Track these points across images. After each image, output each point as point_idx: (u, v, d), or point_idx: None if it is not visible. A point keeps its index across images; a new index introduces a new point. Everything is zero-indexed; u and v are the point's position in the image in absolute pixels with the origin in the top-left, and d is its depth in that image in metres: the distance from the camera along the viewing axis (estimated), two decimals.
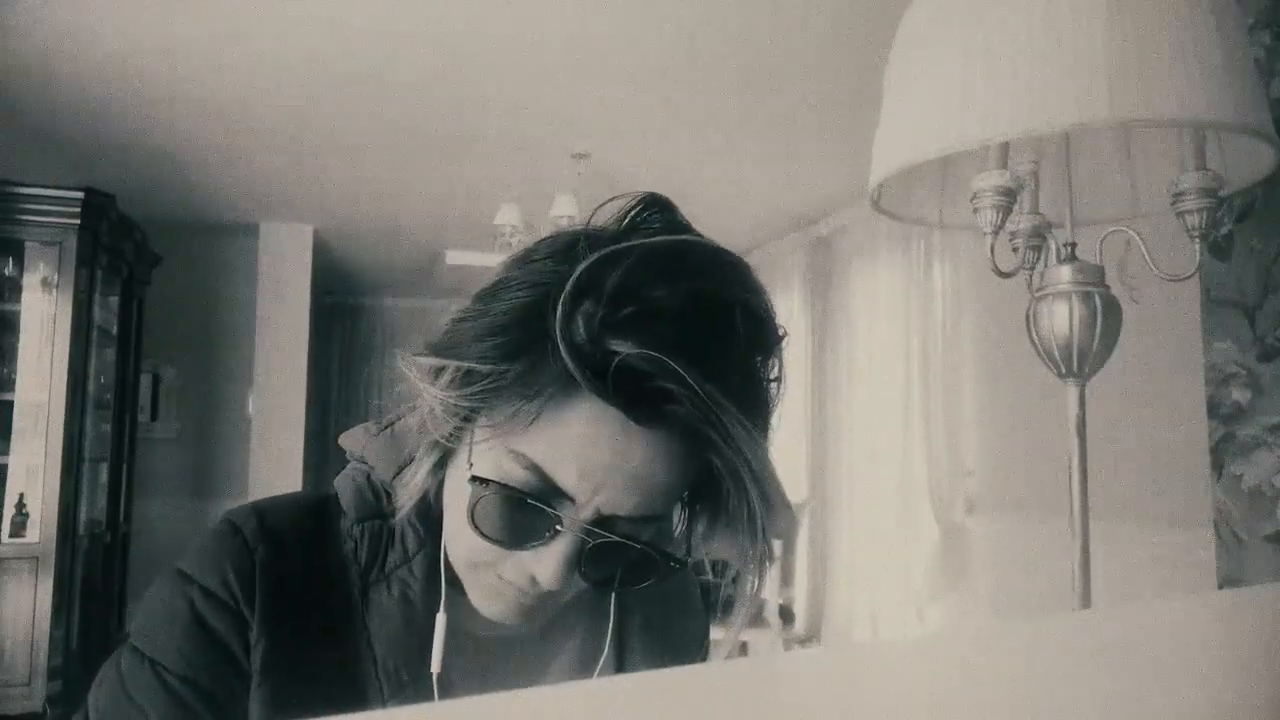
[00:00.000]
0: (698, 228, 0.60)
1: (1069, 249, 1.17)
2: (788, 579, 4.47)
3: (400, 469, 0.64)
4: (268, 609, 0.61)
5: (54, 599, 3.53)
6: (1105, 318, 1.13)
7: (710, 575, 3.46)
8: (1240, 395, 1.37)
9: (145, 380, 4.99)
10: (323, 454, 5.99)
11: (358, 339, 7.07)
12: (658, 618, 0.75)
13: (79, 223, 3.69)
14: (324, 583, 0.63)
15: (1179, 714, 0.27)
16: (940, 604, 3.68)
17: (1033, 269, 1.23)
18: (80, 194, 3.66)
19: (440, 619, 0.63)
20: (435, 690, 0.62)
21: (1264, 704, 0.28)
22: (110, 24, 2.83)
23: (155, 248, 4.66)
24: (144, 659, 0.60)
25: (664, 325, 0.53)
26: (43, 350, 3.66)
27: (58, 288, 3.67)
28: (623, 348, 0.52)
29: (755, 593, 0.61)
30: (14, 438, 3.62)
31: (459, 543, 0.60)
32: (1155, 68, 0.93)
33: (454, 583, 0.63)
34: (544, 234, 0.61)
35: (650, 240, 0.57)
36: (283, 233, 5.13)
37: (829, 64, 3.04)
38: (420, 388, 0.58)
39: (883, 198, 1.20)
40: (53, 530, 3.57)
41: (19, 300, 3.70)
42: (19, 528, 3.58)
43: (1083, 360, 1.14)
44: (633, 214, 0.59)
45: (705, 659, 0.82)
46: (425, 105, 3.46)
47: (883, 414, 4.12)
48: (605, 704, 0.27)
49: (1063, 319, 1.13)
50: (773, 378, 0.59)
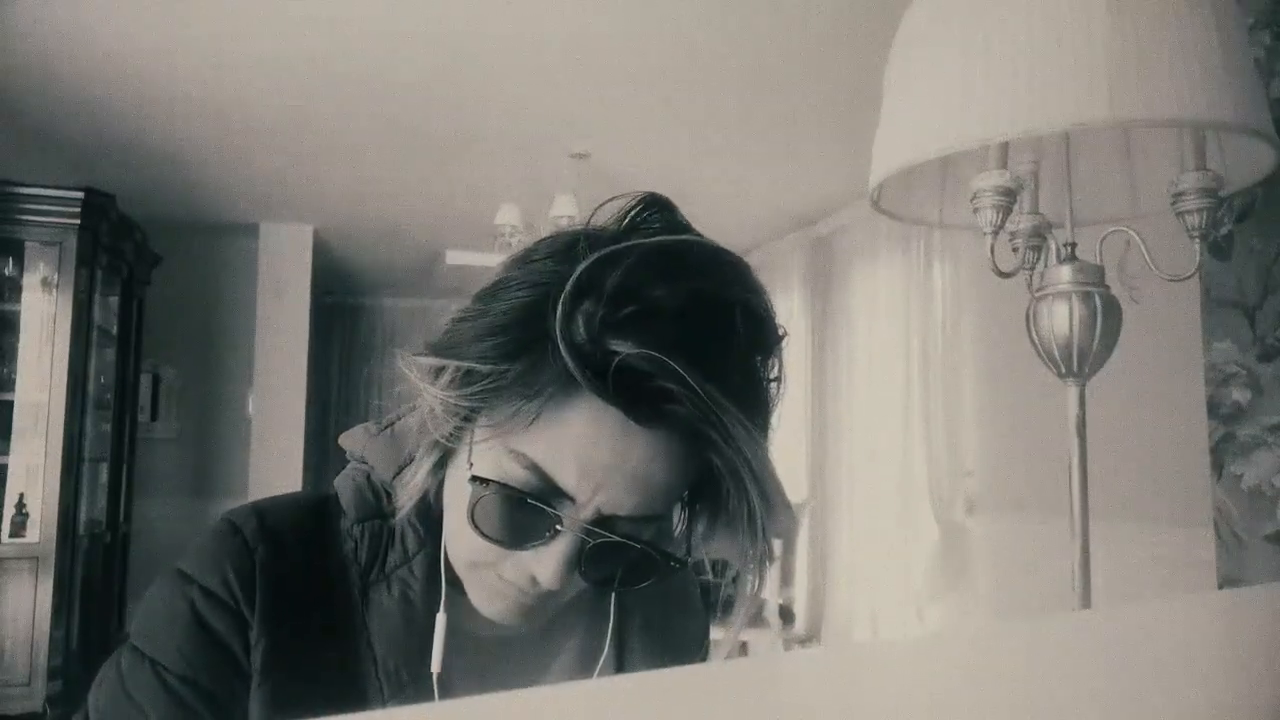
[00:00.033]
0: (698, 228, 0.60)
1: (1069, 249, 1.17)
2: (788, 579, 4.47)
3: (400, 469, 0.64)
4: (268, 609, 0.61)
5: (54, 599, 3.53)
6: (1105, 318, 1.13)
7: (710, 575, 3.46)
8: (1240, 395, 1.37)
9: (145, 380, 4.98)
10: (323, 454, 5.98)
11: (358, 339, 7.06)
12: (658, 618, 0.75)
13: (79, 223, 3.69)
14: (324, 583, 0.63)
15: (1179, 714, 0.27)
16: (940, 604, 3.67)
17: (1033, 269, 1.23)
18: (80, 194, 3.66)
19: (440, 619, 0.63)
20: (435, 690, 0.62)
21: (1264, 704, 0.28)
22: (110, 24, 2.83)
23: (155, 248, 4.66)
24: (144, 659, 0.60)
25: (664, 325, 0.53)
26: (43, 350, 3.66)
27: (58, 288, 3.67)
28: (623, 347, 0.52)
29: (755, 593, 0.61)
30: (14, 438, 3.62)
31: (459, 542, 0.60)
32: (1155, 68, 0.93)
33: (454, 583, 0.63)
34: (544, 234, 0.61)
35: (650, 240, 0.57)
36: (283, 233, 5.13)
37: (829, 64, 3.04)
38: (420, 388, 0.58)
39: (883, 198, 1.20)
40: (53, 530, 3.57)
41: (19, 300, 3.70)
42: (19, 528, 3.57)
43: (1083, 360, 1.14)
44: (633, 214, 0.59)
45: (705, 659, 0.82)
46: (425, 105, 3.46)
47: (883, 414, 4.12)
48: (605, 704, 0.27)
49: (1063, 319, 1.13)
50: (773, 377, 0.59)
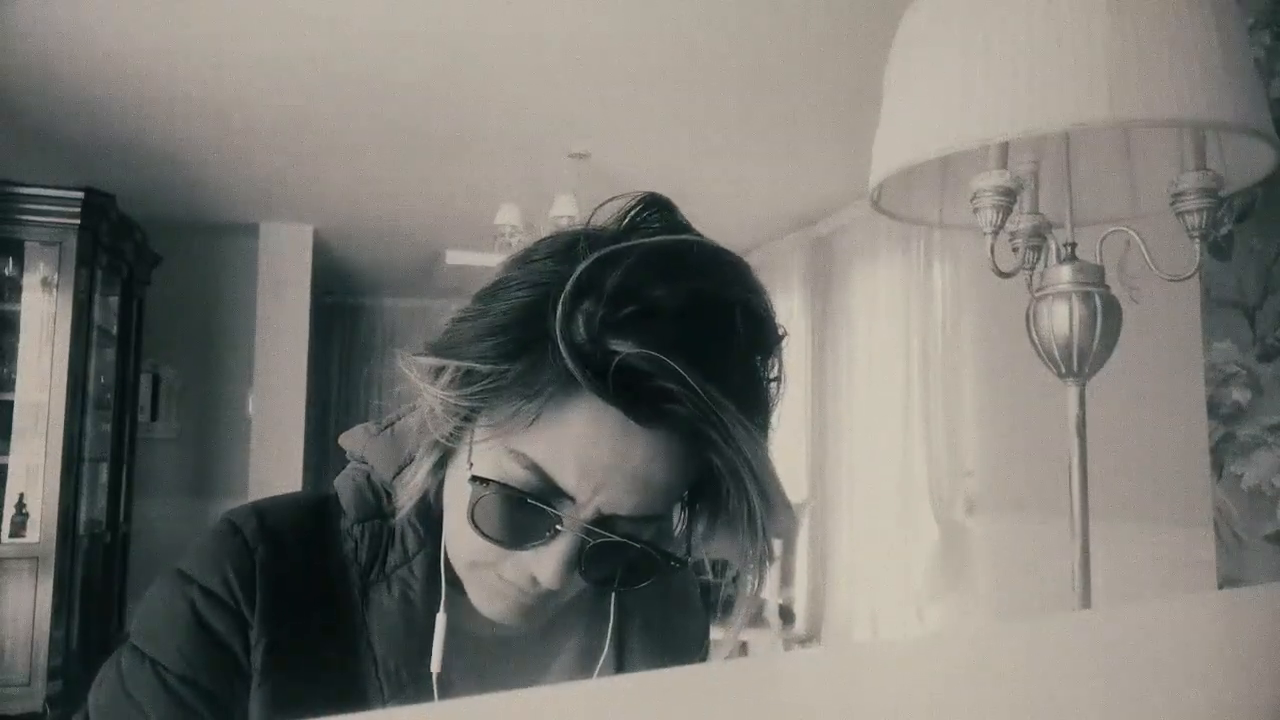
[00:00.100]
0: (698, 228, 0.60)
1: (1069, 249, 1.17)
2: (788, 579, 4.47)
3: (400, 469, 0.64)
4: (268, 609, 0.61)
5: (54, 599, 3.53)
6: (1105, 318, 1.13)
7: (710, 575, 3.45)
8: (1240, 395, 1.37)
9: (145, 380, 4.98)
10: (323, 454, 5.99)
11: (358, 339, 7.06)
12: (658, 618, 0.75)
13: (79, 223, 3.69)
14: (324, 583, 0.63)
15: (1179, 714, 0.27)
16: (940, 604, 3.67)
17: (1033, 269, 1.23)
18: (80, 194, 3.67)
19: (440, 619, 0.63)
20: (435, 690, 0.62)
21: (1264, 704, 0.28)
22: (110, 24, 2.83)
23: (155, 248, 4.66)
24: (144, 659, 0.60)
25: (664, 325, 0.53)
26: (43, 350, 3.65)
27: (58, 288, 3.67)
28: (623, 347, 0.52)
29: (755, 593, 0.61)
30: (14, 438, 3.62)
31: (459, 542, 0.60)
32: (1155, 68, 0.93)
33: (454, 582, 0.63)
34: (544, 234, 0.61)
35: (650, 240, 0.57)
36: (283, 233, 5.13)
37: (829, 64, 3.04)
38: (420, 387, 0.58)
39: (883, 198, 1.20)
40: (53, 530, 3.57)
41: (19, 300, 3.70)
42: (19, 528, 3.57)
43: (1083, 360, 1.14)
44: (633, 214, 0.59)
45: (705, 659, 0.82)
46: (425, 105, 3.46)
47: (883, 414, 4.12)
48: (605, 704, 0.27)
49: (1063, 319, 1.13)
50: (773, 377, 0.59)
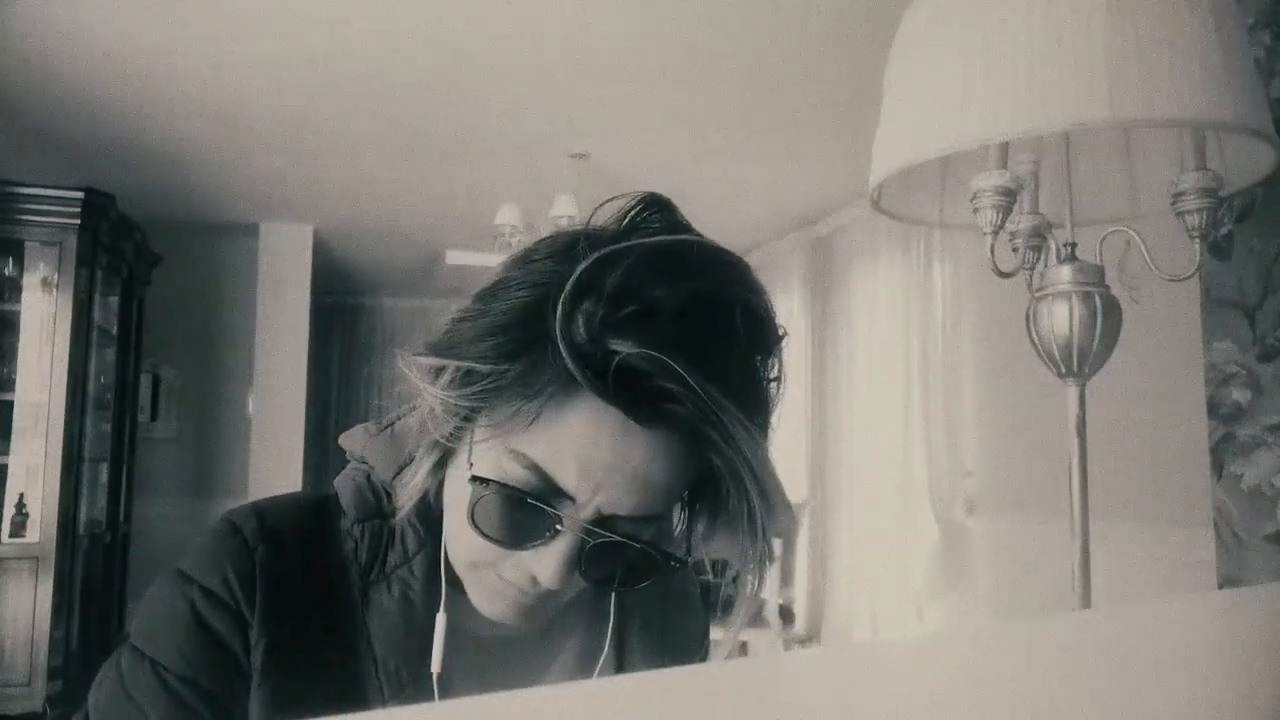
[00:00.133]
0: (698, 228, 0.60)
1: (1069, 249, 1.17)
2: (788, 579, 4.47)
3: (400, 469, 0.64)
4: (268, 609, 0.61)
5: (54, 599, 3.53)
6: (1105, 318, 1.13)
7: (710, 575, 3.45)
8: (1240, 395, 1.37)
9: (145, 380, 4.98)
10: (323, 454, 5.99)
11: (358, 339, 7.06)
12: (658, 618, 0.75)
13: (79, 223, 3.68)
14: (324, 583, 0.63)
15: (1179, 714, 0.27)
16: (940, 604, 3.67)
17: (1033, 269, 1.23)
18: (80, 194, 3.66)
19: (440, 619, 0.63)
20: (435, 690, 0.62)
21: (1264, 704, 0.28)
22: (110, 24, 2.83)
23: (155, 248, 4.65)
24: (144, 659, 0.60)
25: (664, 325, 0.53)
26: (43, 350, 3.65)
27: (58, 288, 3.67)
28: (623, 347, 0.52)
29: (755, 592, 0.61)
30: (14, 438, 3.62)
31: (459, 542, 0.60)
32: (1155, 68, 0.93)
33: (454, 583, 0.63)
34: (544, 234, 0.61)
35: (650, 240, 0.57)
36: (283, 233, 5.13)
37: (829, 64, 3.04)
38: (420, 387, 0.58)
39: (883, 198, 1.20)
40: (53, 530, 3.57)
41: (19, 300, 3.70)
42: (19, 528, 3.57)
43: (1083, 360, 1.14)
44: (633, 214, 0.59)
45: (705, 659, 0.82)
46: (425, 105, 3.46)
47: (883, 414, 4.12)
48: (605, 704, 0.27)
49: (1063, 319, 1.13)
50: (773, 377, 0.59)
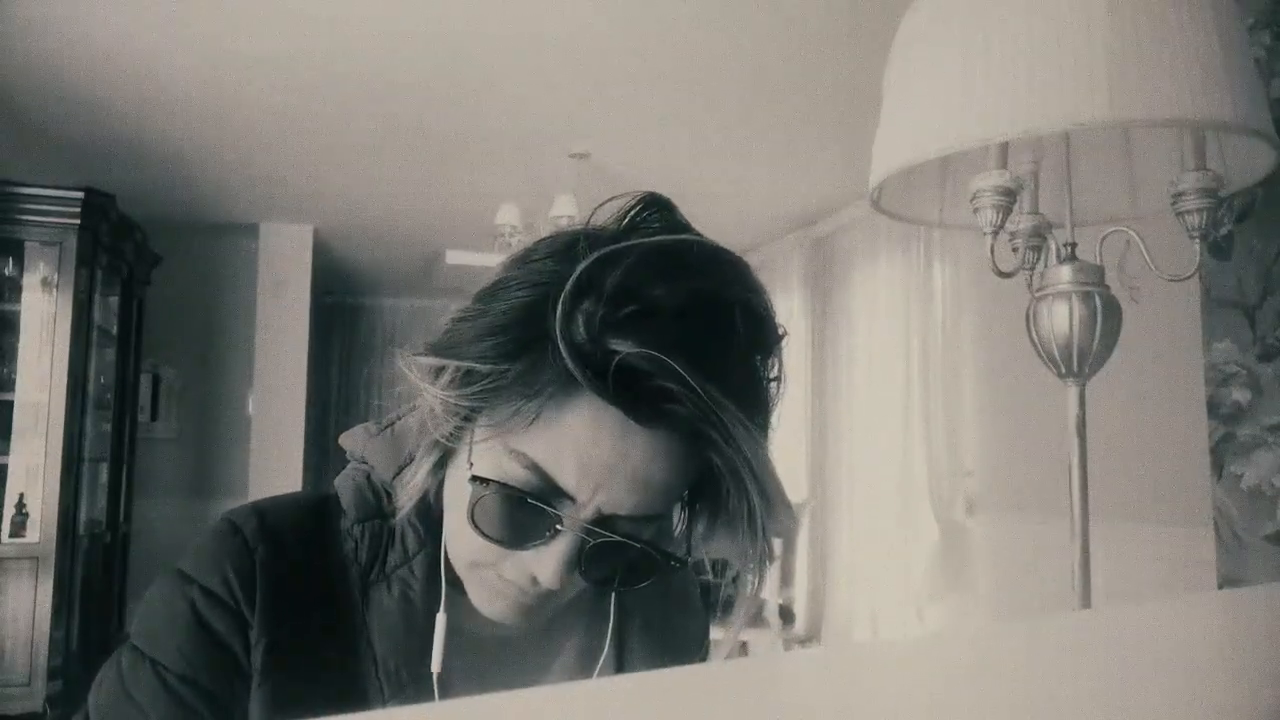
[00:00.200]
0: (698, 228, 0.60)
1: (1069, 249, 1.17)
2: (788, 579, 4.47)
3: (400, 469, 0.64)
4: (268, 609, 0.61)
5: (54, 599, 3.53)
6: (1105, 318, 1.13)
7: (710, 575, 3.45)
8: (1240, 395, 1.37)
9: (145, 380, 4.98)
10: (323, 454, 5.99)
11: (358, 339, 7.06)
12: (658, 617, 0.75)
13: (79, 223, 3.68)
14: (324, 582, 0.63)
15: (1179, 714, 0.27)
16: (940, 604, 3.67)
17: (1033, 269, 1.23)
18: (80, 194, 3.66)
19: (440, 619, 0.63)
20: (435, 690, 0.62)
21: (1264, 704, 0.28)
22: (110, 24, 2.83)
23: (155, 248, 4.65)
24: (144, 659, 0.60)
25: (664, 324, 0.53)
26: (43, 350, 3.65)
27: (58, 288, 3.67)
28: (623, 347, 0.52)
29: (755, 592, 0.61)
30: (14, 438, 3.62)
31: (459, 542, 0.60)
32: (1155, 68, 0.93)
33: (454, 582, 0.63)
34: (544, 234, 0.61)
35: (650, 240, 0.57)
36: (283, 233, 5.13)
37: (829, 64, 3.04)
38: (420, 387, 0.58)
39: (883, 198, 1.20)
40: (53, 530, 3.57)
41: (19, 300, 3.70)
42: (19, 528, 3.57)
43: (1083, 360, 1.14)
44: (632, 214, 0.59)
45: (705, 659, 0.82)
46: (425, 105, 3.46)
47: (883, 414, 4.12)
48: (605, 704, 0.27)
49: (1063, 319, 1.13)
50: (773, 377, 0.59)
